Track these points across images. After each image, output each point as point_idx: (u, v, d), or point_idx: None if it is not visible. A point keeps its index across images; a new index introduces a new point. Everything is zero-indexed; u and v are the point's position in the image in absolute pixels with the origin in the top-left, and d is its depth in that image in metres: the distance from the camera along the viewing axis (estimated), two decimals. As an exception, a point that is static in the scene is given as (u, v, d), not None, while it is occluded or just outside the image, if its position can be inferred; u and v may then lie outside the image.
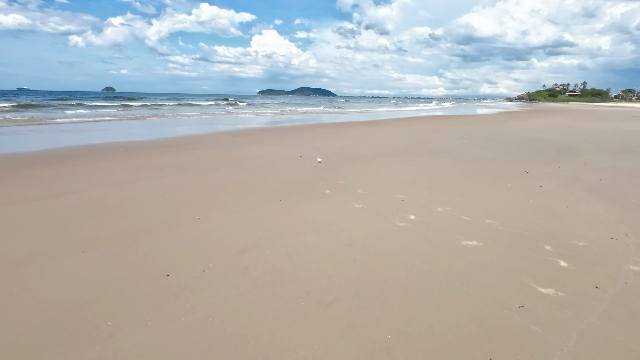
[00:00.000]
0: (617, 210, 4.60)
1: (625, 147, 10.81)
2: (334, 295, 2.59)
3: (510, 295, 2.59)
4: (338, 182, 6.08)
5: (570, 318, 2.32)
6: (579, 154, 9.36)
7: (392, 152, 9.37)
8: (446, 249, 3.40)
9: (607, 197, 5.18)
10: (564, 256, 3.24)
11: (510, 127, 18.53)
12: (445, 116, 31.38)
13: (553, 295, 2.60)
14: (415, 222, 4.12)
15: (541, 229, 3.92)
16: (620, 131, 16.14)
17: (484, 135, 14.10)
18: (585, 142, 12.03)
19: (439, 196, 5.23)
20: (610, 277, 2.86)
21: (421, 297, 2.56)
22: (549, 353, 2.01)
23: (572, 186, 5.84)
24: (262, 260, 3.15)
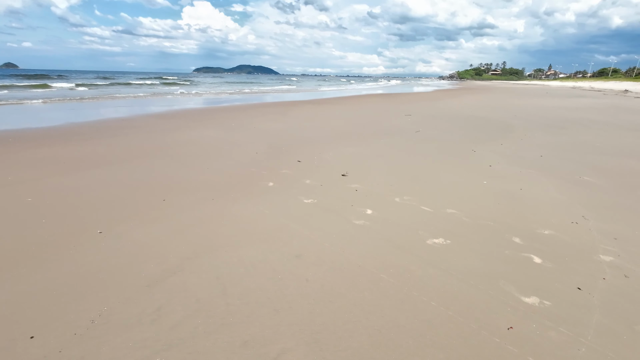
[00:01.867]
0: (567, 189, 4.56)
1: (551, 122, 11.62)
2: (282, 343, 1.90)
3: (496, 313, 2.15)
4: (283, 171, 5.30)
5: (567, 341, 1.93)
6: (514, 130, 9.74)
7: (340, 134, 8.78)
8: (413, 253, 2.90)
9: (554, 175, 5.19)
10: (536, 250, 2.93)
11: (447, 104, 19.18)
12: (388, 94, 31.84)
13: (539, 305, 2.22)
14: (374, 218, 3.57)
15: (504, 217, 3.64)
16: (540, 107, 17.61)
17: (427, 114, 14.25)
18: (516, 118, 12.74)
19: (394, 183, 4.76)
20: (587, 273, 2.59)
21: (396, 332, 1.99)
22: (559, 400, 1.57)
23: (519, 164, 5.82)
24: (183, 293, 2.32)
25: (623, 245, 3.03)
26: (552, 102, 21.92)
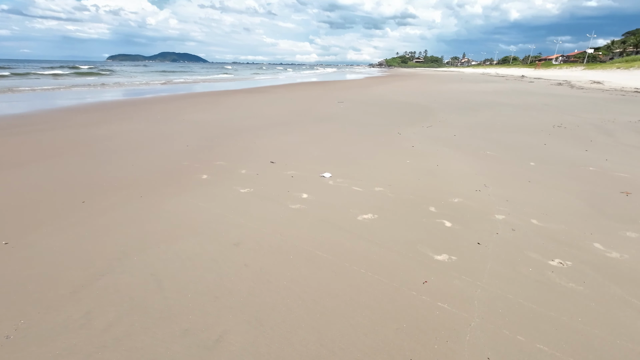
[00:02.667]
0: (474, 163, 5.28)
1: (464, 105, 13.05)
2: (223, 327, 1.97)
3: (414, 271, 2.49)
4: (217, 162, 5.19)
5: (467, 285, 2.33)
6: (434, 113, 10.76)
7: (275, 122, 8.78)
8: (345, 229, 3.15)
9: (464, 152, 5.94)
10: (447, 216, 3.40)
11: (377, 91, 20.24)
12: (322, 82, 32.28)
13: (448, 261, 2.62)
14: (309, 202, 3.75)
15: (423, 190, 4.10)
16: (456, 92, 19.59)
17: (358, 100, 14.91)
18: (435, 102, 14.03)
19: (329, 167, 5.00)
20: (485, 230, 3.11)
21: (330, 300, 2.19)
22: (460, 332, 1.93)
23: (437, 144, 6.52)
24: (114, 295, 2.23)
25: (513, 205, 3.66)
26: (465, 87, 24.49)
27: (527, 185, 4.28)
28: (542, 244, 2.87)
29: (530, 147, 6.28)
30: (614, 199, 3.82)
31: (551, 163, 5.24)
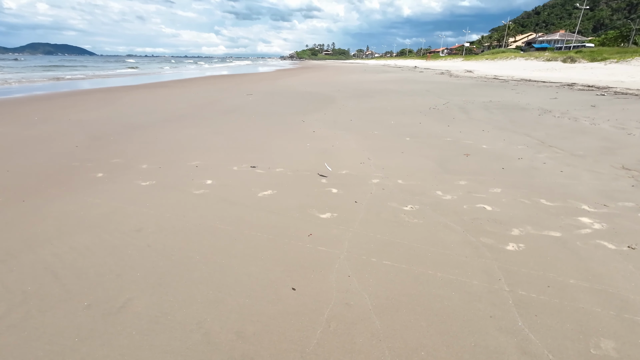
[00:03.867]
0: (363, 141, 6.13)
1: (362, 93, 14.43)
2: (127, 295, 2.17)
3: (302, 228, 3.01)
4: (114, 160, 4.99)
5: (342, 231, 2.95)
6: (335, 101, 11.71)
7: (179, 116, 8.54)
8: (246, 204, 3.51)
9: (356, 133, 6.80)
10: (335, 185, 4.04)
11: (286, 82, 20.75)
12: (233, 75, 31.37)
13: (330, 217, 3.22)
14: (213, 187, 4.00)
15: (317, 167, 4.70)
16: (357, 81, 21.33)
17: (267, 91, 15.17)
18: (338, 91, 15.17)
19: (234, 155, 5.26)
20: (363, 192, 3.82)
21: (228, 259, 2.56)
22: (332, 263, 2.49)
23: (334, 128, 7.28)
24: (1, 291, 2.21)
25: (386, 171, 4.50)
26: (367, 77, 26.71)
27: (400, 156, 5.24)
28: (401, 196, 3.69)
29: (409, 125, 7.50)
30: (457, 160, 4.98)
31: (421, 137, 6.42)
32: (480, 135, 6.49)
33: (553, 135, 6.36)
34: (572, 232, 2.89)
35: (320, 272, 2.41)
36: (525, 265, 2.46)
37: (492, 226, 3.02)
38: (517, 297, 2.14)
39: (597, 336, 1.83)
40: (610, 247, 2.67)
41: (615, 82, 16.60)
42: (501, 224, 3.06)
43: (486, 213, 3.28)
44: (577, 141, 5.89)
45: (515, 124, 7.42)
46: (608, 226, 2.98)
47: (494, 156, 5.11)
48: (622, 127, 6.86)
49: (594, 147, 5.47)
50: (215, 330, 1.90)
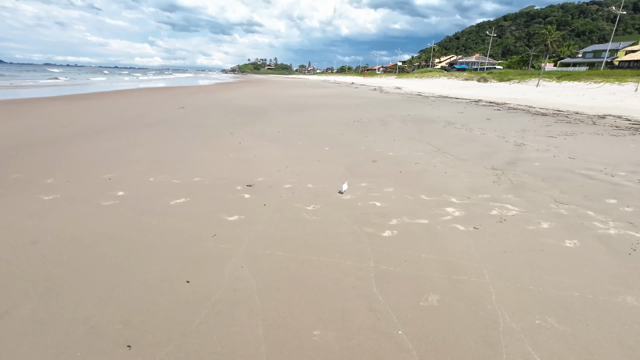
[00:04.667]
0: (285, 151, 6.52)
1: (297, 106, 15.02)
2: (10, 303, 2.19)
3: (207, 230, 3.22)
4: (13, 176, 4.67)
5: (245, 230, 3.24)
6: (268, 114, 12.07)
7: (100, 130, 8.13)
8: (156, 212, 3.62)
9: (281, 144, 7.18)
10: (248, 190, 4.32)
11: (224, 96, 20.64)
12: (166, 87, 30.14)
13: (237, 219, 3.48)
14: (125, 197, 4.01)
15: (236, 175, 4.94)
16: (296, 96, 22.04)
17: (201, 105, 15.00)
18: (274, 105, 15.59)
19: (152, 167, 5.26)
20: (274, 196, 4.16)
21: (127, 261, 2.68)
22: (229, 258, 2.76)
23: (261, 139, 7.59)
24: None
25: (300, 177, 4.91)
26: (305, 91, 27.66)
27: (316, 163, 5.72)
28: (307, 198, 4.11)
29: (331, 137, 8.12)
30: (364, 166, 5.61)
31: (339, 147, 7.02)
32: (390, 144, 7.31)
33: (449, 143, 7.43)
34: (436, 219, 3.54)
35: (217, 266, 2.66)
36: (393, 246, 2.99)
37: (377, 218, 3.56)
38: (379, 271, 2.62)
39: (427, 293, 2.36)
40: (461, 228, 3.35)
41: (511, 99, 19.58)
42: (385, 216, 3.62)
43: (375, 208, 3.83)
44: (466, 148, 6.98)
45: (422, 134, 8.47)
46: (465, 213, 3.70)
47: (396, 161, 5.85)
48: (503, 136, 8.26)
49: (477, 153, 6.55)
50: (103, 323, 2.04)
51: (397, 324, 2.07)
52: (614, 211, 3.77)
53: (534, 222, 3.48)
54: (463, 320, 2.11)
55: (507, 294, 2.36)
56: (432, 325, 2.07)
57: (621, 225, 3.43)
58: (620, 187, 4.58)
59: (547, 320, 2.11)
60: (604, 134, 8.73)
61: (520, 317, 2.14)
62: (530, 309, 2.21)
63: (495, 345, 1.91)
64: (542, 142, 7.59)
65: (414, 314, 2.16)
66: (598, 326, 2.07)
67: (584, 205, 3.92)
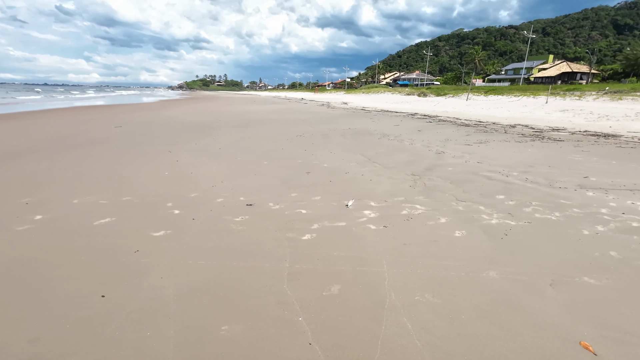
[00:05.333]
0: (223, 167, 6.65)
1: (242, 122, 15.13)
2: None
3: (131, 246, 3.27)
4: None
5: (170, 244, 3.34)
6: (213, 131, 12.04)
7: (21, 152, 7.55)
8: (78, 233, 3.56)
9: (220, 160, 7.29)
10: (179, 207, 4.39)
11: (167, 113, 20.04)
12: (104, 106, 28.39)
13: (163, 234, 3.57)
14: (43, 221, 3.87)
15: (168, 192, 4.98)
16: (244, 112, 22.10)
17: (141, 123, 14.46)
18: (219, 121, 15.54)
19: (77, 189, 5.08)
20: (204, 210, 4.29)
21: (39, 282, 2.66)
22: (150, 271, 2.86)
23: (201, 156, 7.62)
24: None
25: (234, 191, 5.08)
26: (254, 107, 27.79)
27: (252, 177, 5.93)
28: (237, 210, 4.30)
29: (272, 151, 8.40)
30: (299, 177, 5.95)
31: (278, 160, 7.32)
32: (327, 156, 7.78)
33: (380, 153, 8.10)
34: (353, 221, 3.95)
35: (135, 279, 2.75)
36: (310, 248, 3.30)
37: (300, 224, 3.87)
38: (293, 269, 2.90)
39: (331, 284, 2.69)
40: (372, 227, 3.78)
41: (443, 112, 21.58)
42: (308, 221, 3.94)
43: (301, 215, 4.15)
44: (394, 157, 7.67)
45: (358, 146, 9.11)
46: (379, 215, 4.16)
47: (329, 172, 6.29)
48: (428, 145, 9.18)
49: (403, 161, 7.25)
50: (6, 342, 2.05)
51: (300, 312, 2.36)
52: (500, 205, 4.49)
53: (435, 218, 4.03)
54: (357, 304, 2.45)
55: (398, 278, 2.77)
56: (330, 310, 2.38)
57: (502, 216, 4.11)
58: (510, 185, 5.42)
59: (425, 296, 2.53)
60: (511, 141, 10.10)
61: (404, 295, 2.54)
62: (414, 289, 2.63)
63: (379, 320, 2.27)
64: (459, 149, 8.59)
65: (315, 303, 2.46)
66: (464, 297, 2.54)
67: (478, 202, 4.61)
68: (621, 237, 3.54)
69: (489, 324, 2.25)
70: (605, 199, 4.69)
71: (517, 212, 4.24)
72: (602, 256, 3.13)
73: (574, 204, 4.50)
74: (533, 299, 2.51)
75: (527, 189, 5.21)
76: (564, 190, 5.10)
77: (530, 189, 5.21)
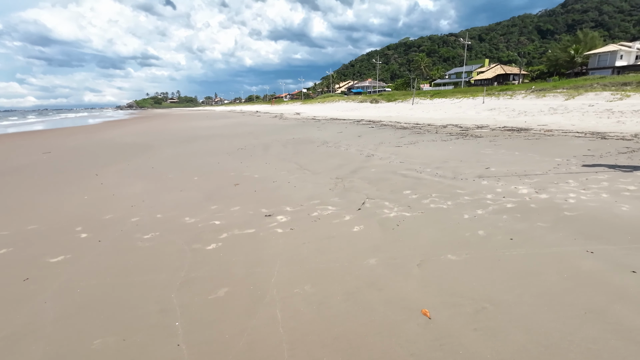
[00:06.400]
0: (150, 185, 6.55)
1: (188, 139, 14.86)
2: None
3: (19, 275, 3.18)
4: None
5: (66, 269, 3.29)
6: (151, 149, 11.72)
7: None
8: (-36, 267, 3.38)
9: (149, 178, 7.16)
10: (88, 230, 4.30)
11: (107, 134, 19.09)
12: (37, 131, 26.32)
13: (62, 259, 3.50)
14: None
15: (82, 216, 4.84)
16: (190, 128, 21.65)
17: (75, 147, 13.68)
18: (163, 139, 15.13)
19: (-23, 221, 4.77)
20: (114, 231, 4.24)
21: None
22: (35, 297, 2.81)
23: (130, 176, 7.43)
24: None
25: (151, 210, 5.05)
26: (204, 123, 27.30)
27: (177, 193, 5.93)
28: (151, 227, 4.30)
29: (207, 165, 8.39)
30: (225, 190, 6.04)
31: (210, 175, 7.34)
32: (261, 167, 7.94)
33: (314, 160, 8.42)
34: (263, 227, 4.13)
35: (14, 306, 2.69)
36: (211, 256, 3.42)
37: (210, 234, 3.97)
38: (187, 278, 3.00)
39: (219, 288, 2.83)
40: (279, 231, 3.98)
41: (388, 117, 22.74)
42: (218, 231, 4.05)
43: (214, 226, 4.25)
44: (327, 163, 8.01)
45: (295, 155, 9.37)
46: (290, 219, 4.38)
47: (257, 182, 6.44)
48: (361, 150, 9.69)
49: (333, 166, 7.60)
50: None
51: (179, 317, 2.47)
52: (403, 199, 4.92)
53: (341, 217, 4.34)
54: (238, 303, 2.62)
55: (286, 275, 2.98)
56: (209, 312, 2.52)
57: (401, 209, 4.52)
58: (420, 180, 5.93)
59: (304, 288, 2.76)
60: (438, 140, 10.95)
61: (285, 289, 2.75)
62: (296, 283, 2.85)
63: (252, 315, 2.45)
64: (388, 151, 9.17)
65: (198, 307, 2.58)
66: (338, 284, 2.80)
67: (386, 198, 5.01)
68: (493, 217, 4.06)
69: (352, 305, 2.52)
70: (494, 186, 5.32)
71: (416, 204, 4.68)
72: (471, 235, 3.59)
73: (467, 193, 5.05)
74: (399, 278, 2.84)
75: (434, 182, 5.74)
76: (464, 182, 5.69)
77: (436, 182, 5.75)
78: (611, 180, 5.34)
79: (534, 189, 5.10)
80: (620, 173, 5.79)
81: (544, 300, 2.48)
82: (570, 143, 9.19)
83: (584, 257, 3.02)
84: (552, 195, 4.74)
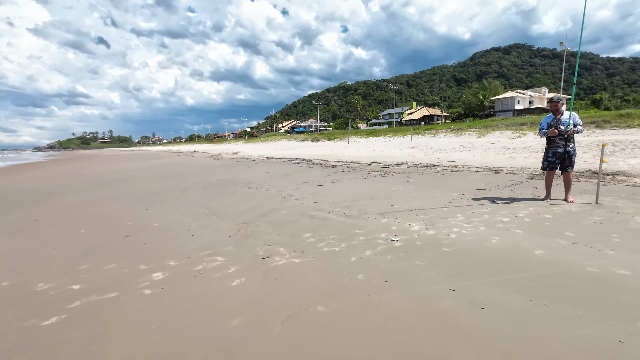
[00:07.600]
0: (18, 244, 5.56)
1: (101, 183, 13.46)
2: None
3: None
4: None
5: None
6: (49, 198, 10.30)
7: None
8: None
9: (25, 234, 6.11)
10: None
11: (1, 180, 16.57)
12: None
13: None
14: None
15: None
16: (111, 171, 19.86)
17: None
18: (70, 185, 13.52)
19: None
20: None
21: None
22: None
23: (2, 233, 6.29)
24: None
25: (2, 273, 4.22)
26: (130, 164, 25.35)
27: (47, 251, 5.08)
28: None
29: (103, 215, 7.51)
30: (112, 243, 5.35)
31: (100, 226, 6.53)
32: (167, 214, 7.33)
33: (228, 204, 8.05)
34: (130, 289, 3.62)
35: None
36: (42, 334, 2.83)
37: (57, 304, 3.34)
38: (-9, 370, 2.39)
39: None
40: (147, 292, 3.51)
41: (321, 156, 23.43)
42: (70, 299, 3.44)
43: (69, 293, 3.61)
44: (240, 206, 7.70)
45: (211, 198, 8.91)
46: (168, 275, 3.94)
47: (153, 232, 5.86)
48: (282, 190, 9.60)
49: (245, 209, 7.31)
50: None
51: None
52: (300, 243, 4.79)
53: (226, 269, 4.02)
54: None
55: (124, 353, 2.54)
56: None
57: (294, 255, 4.36)
58: (325, 221, 5.92)
59: (140, 367, 2.35)
60: (359, 177, 11.38)
61: None
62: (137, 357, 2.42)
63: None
64: (307, 191, 9.20)
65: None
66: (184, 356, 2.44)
67: (283, 244, 4.83)
68: (379, 258, 4.09)
69: (187, 384, 2.17)
70: (391, 224, 5.48)
71: (311, 248, 4.57)
72: (350, 281, 3.52)
73: (364, 232, 5.12)
74: (257, 340, 2.58)
75: (337, 223, 5.76)
76: (366, 220, 5.81)
77: (340, 222, 5.77)
78: (491, 213, 5.87)
79: (425, 225, 5.35)
80: (501, 205, 6.43)
81: (397, 349, 2.40)
82: (470, 178, 10.18)
83: (444, 297, 3.09)
84: (438, 231, 5.00)
